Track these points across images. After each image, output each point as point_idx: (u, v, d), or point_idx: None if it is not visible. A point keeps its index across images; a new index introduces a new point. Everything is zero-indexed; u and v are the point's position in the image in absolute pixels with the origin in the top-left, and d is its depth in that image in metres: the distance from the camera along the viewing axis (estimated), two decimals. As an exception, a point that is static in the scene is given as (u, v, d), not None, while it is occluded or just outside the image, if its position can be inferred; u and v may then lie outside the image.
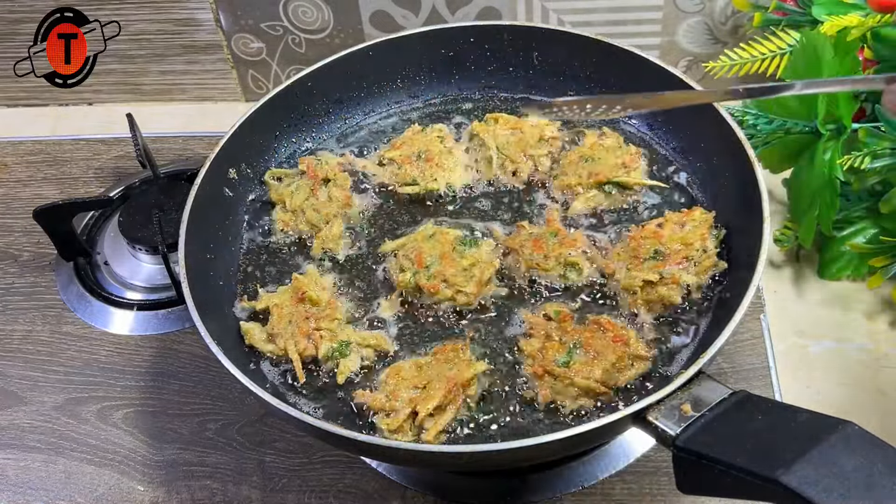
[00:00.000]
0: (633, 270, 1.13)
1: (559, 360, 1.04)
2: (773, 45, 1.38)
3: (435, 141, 1.32)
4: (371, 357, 1.11)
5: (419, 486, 1.17)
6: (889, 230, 1.27)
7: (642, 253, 1.14)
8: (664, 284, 1.11)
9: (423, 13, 1.58)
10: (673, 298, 1.11)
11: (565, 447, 0.96)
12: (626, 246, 1.17)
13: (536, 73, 1.41)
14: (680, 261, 1.12)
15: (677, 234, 1.15)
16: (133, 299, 1.44)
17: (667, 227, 1.17)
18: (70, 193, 1.63)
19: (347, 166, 1.32)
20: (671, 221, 1.17)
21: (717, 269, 1.14)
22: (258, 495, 1.19)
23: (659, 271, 1.11)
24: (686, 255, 1.13)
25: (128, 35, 1.66)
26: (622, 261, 1.15)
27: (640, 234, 1.17)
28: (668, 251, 1.13)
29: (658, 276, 1.11)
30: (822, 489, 0.74)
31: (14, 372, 1.36)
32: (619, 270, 1.14)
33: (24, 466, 1.25)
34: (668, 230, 1.16)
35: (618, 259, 1.16)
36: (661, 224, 1.18)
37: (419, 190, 1.28)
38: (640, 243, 1.15)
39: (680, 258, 1.12)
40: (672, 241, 1.14)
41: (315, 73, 1.36)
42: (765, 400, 0.89)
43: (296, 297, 1.14)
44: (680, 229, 1.16)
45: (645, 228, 1.17)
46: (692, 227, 1.15)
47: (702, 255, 1.13)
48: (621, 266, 1.14)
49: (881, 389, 1.22)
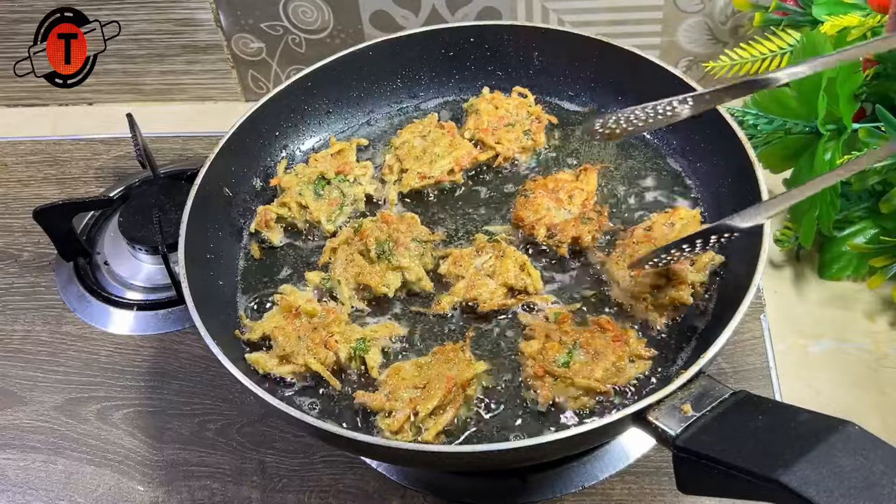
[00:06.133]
0: (638, 277, 1.12)
1: (559, 361, 1.04)
2: (773, 45, 1.38)
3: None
4: (389, 346, 1.12)
5: (419, 486, 1.17)
6: (889, 230, 1.27)
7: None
8: (672, 287, 1.10)
9: (423, 13, 1.58)
10: (684, 299, 1.10)
11: (565, 447, 0.96)
12: (622, 254, 1.15)
13: (536, 73, 1.41)
14: (682, 261, 1.11)
15: (669, 234, 1.14)
16: (133, 299, 1.44)
17: (656, 229, 1.16)
18: (70, 193, 1.63)
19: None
20: (659, 223, 1.17)
21: (714, 263, 1.13)
22: (258, 495, 1.19)
23: (665, 274, 1.11)
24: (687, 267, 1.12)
25: (128, 35, 1.67)
26: (622, 269, 1.14)
27: (630, 240, 1.16)
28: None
29: (665, 280, 1.11)
30: (823, 489, 0.74)
31: (14, 372, 1.36)
32: (623, 279, 1.13)
33: (24, 466, 1.25)
34: (658, 232, 1.15)
35: (617, 268, 1.14)
36: (650, 227, 1.17)
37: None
38: (634, 249, 1.14)
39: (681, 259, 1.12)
40: (666, 242, 1.13)
41: (315, 73, 1.36)
42: (765, 400, 0.89)
43: (290, 315, 1.13)
44: (670, 229, 1.15)
45: (634, 234, 1.17)
46: (682, 226, 1.15)
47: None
48: (624, 275, 1.13)
49: (881, 389, 1.22)
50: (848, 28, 1.23)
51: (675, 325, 1.11)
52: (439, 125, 1.35)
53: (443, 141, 1.32)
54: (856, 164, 0.98)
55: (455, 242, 1.24)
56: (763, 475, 0.77)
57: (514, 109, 1.35)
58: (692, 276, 1.11)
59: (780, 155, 1.33)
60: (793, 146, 1.31)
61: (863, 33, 1.25)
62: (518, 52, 1.41)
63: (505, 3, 1.55)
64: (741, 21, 1.53)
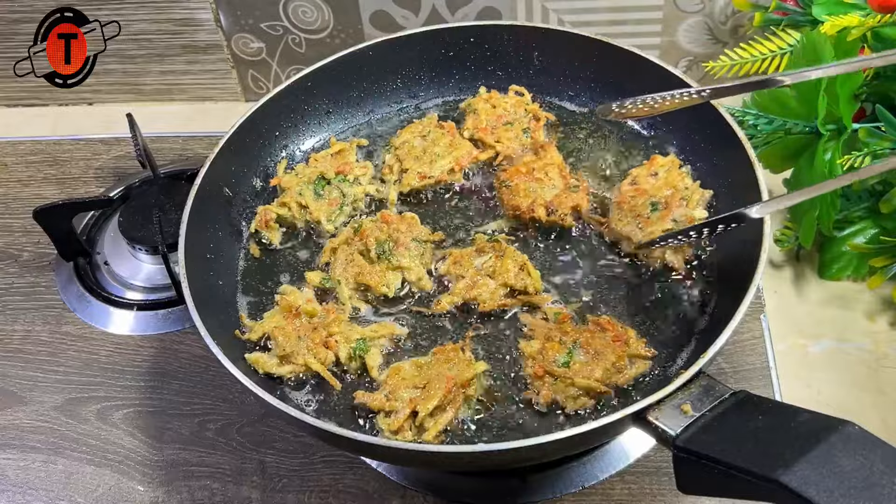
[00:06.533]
0: (647, 227, 1.15)
1: (559, 361, 1.04)
2: (773, 45, 1.38)
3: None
4: (388, 346, 1.12)
5: (419, 486, 1.17)
6: (889, 230, 1.27)
7: (640, 210, 1.16)
8: (680, 227, 1.14)
9: (423, 13, 1.58)
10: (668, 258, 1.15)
11: (565, 447, 0.96)
12: (620, 211, 1.18)
13: (536, 73, 1.41)
14: (679, 202, 1.16)
15: (656, 182, 1.18)
16: (133, 299, 1.44)
17: (641, 181, 1.19)
18: (70, 193, 1.63)
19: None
20: (642, 174, 1.21)
21: (705, 199, 1.17)
22: (258, 495, 1.19)
23: (672, 218, 1.14)
24: (680, 196, 1.16)
25: (128, 35, 1.67)
26: (628, 225, 1.16)
27: (622, 198, 1.19)
28: (662, 198, 1.16)
29: (673, 223, 1.14)
30: (823, 489, 0.74)
31: (14, 372, 1.36)
32: (633, 233, 1.16)
33: (24, 466, 1.25)
34: (645, 184, 1.19)
35: (623, 224, 1.17)
36: (634, 181, 1.20)
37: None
38: (630, 203, 1.17)
39: (677, 200, 1.16)
40: (657, 189, 1.17)
41: (315, 73, 1.36)
42: (765, 400, 0.89)
43: (290, 315, 1.13)
44: (655, 178, 1.19)
45: (622, 190, 1.20)
46: (665, 173, 1.19)
47: (688, 191, 1.16)
48: (632, 228, 1.16)
49: (881, 389, 1.22)
50: (848, 28, 1.23)
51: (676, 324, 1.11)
52: (439, 125, 1.35)
53: (443, 141, 1.32)
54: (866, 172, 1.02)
55: (455, 242, 1.24)
56: (763, 475, 0.77)
57: (511, 108, 1.35)
58: (696, 213, 1.15)
59: (780, 155, 1.33)
60: (793, 146, 1.30)
61: (863, 33, 1.24)
62: (518, 52, 1.41)
63: (505, 3, 1.55)
64: (741, 21, 1.54)
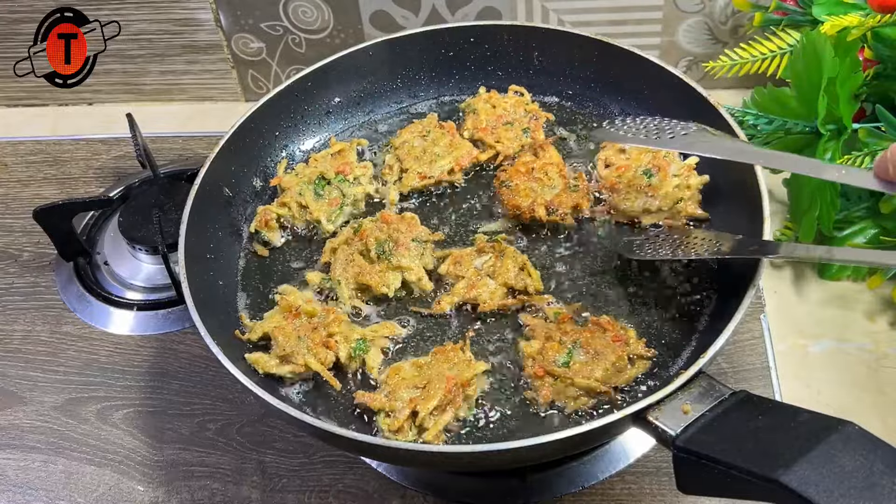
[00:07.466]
0: (657, 192, 1.18)
1: (559, 361, 1.04)
2: (773, 45, 1.38)
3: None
4: (388, 346, 1.13)
5: (419, 486, 1.17)
6: (889, 230, 1.27)
7: (637, 182, 1.18)
8: (682, 190, 1.18)
9: (423, 13, 1.58)
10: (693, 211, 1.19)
11: (565, 447, 0.96)
12: (618, 193, 1.21)
13: (536, 73, 1.41)
14: (665, 160, 1.20)
15: (628, 155, 1.24)
16: (133, 299, 1.44)
17: (614, 159, 1.24)
18: (70, 193, 1.63)
19: None
20: (611, 156, 1.25)
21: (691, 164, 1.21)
22: (258, 495, 1.19)
23: (672, 174, 1.18)
24: (662, 155, 1.21)
25: (128, 35, 1.67)
26: (637, 199, 1.19)
27: (609, 181, 1.22)
28: (649, 164, 1.20)
29: (676, 183, 1.18)
30: (823, 489, 0.74)
31: (14, 372, 1.36)
32: (647, 203, 1.19)
33: (24, 466, 1.25)
34: (620, 160, 1.24)
35: (631, 202, 1.19)
36: (608, 162, 1.25)
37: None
38: (622, 181, 1.21)
39: (661, 158, 1.20)
40: (636, 160, 1.21)
41: (315, 73, 1.36)
42: (765, 400, 0.89)
43: (290, 315, 1.13)
44: (624, 154, 1.25)
45: (604, 176, 1.24)
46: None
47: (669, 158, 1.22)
48: (642, 200, 1.19)
49: (881, 389, 1.22)
50: (848, 28, 1.23)
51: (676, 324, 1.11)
52: (439, 125, 1.35)
53: (443, 141, 1.32)
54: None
55: (455, 242, 1.24)
56: (763, 475, 0.77)
57: (511, 108, 1.35)
58: (693, 180, 1.19)
59: (780, 155, 1.33)
60: (793, 146, 1.31)
61: (863, 33, 1.25)
62: (518, 52, 1.41)
63: (505, 3, 1.55)
64: (741, 21, 1.54)
